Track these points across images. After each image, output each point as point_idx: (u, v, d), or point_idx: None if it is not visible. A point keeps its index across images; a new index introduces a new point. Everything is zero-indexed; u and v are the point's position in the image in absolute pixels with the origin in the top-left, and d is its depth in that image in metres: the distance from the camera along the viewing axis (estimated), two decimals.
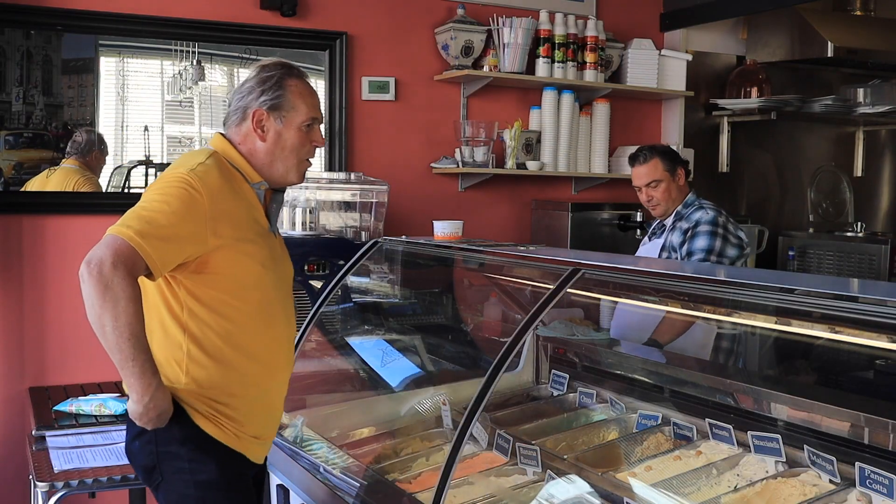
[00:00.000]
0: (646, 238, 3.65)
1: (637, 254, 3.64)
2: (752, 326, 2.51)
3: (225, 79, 3.93)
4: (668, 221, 3.45)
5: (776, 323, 2.15)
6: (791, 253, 4.88)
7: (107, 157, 3.73)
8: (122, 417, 3.05)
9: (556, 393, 3.02)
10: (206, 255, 1.98)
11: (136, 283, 1.87)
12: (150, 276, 1.91)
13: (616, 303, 2.96)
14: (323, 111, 4.01)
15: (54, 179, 3.63)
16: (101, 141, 3.71)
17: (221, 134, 2.21)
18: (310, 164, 2.25)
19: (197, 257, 1.97)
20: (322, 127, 2.27)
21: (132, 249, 1.85)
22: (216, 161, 2.07)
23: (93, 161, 3.70)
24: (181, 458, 2.02)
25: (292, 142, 2.16)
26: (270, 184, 2.17)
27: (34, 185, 3.60)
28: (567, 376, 3.02)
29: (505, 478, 2.36)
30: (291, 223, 3.64)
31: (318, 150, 2.27)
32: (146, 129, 3.78)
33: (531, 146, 4.36)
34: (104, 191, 3.74)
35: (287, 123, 2.14)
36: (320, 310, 2.99)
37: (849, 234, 5.08)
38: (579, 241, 4.30)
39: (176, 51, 3.81)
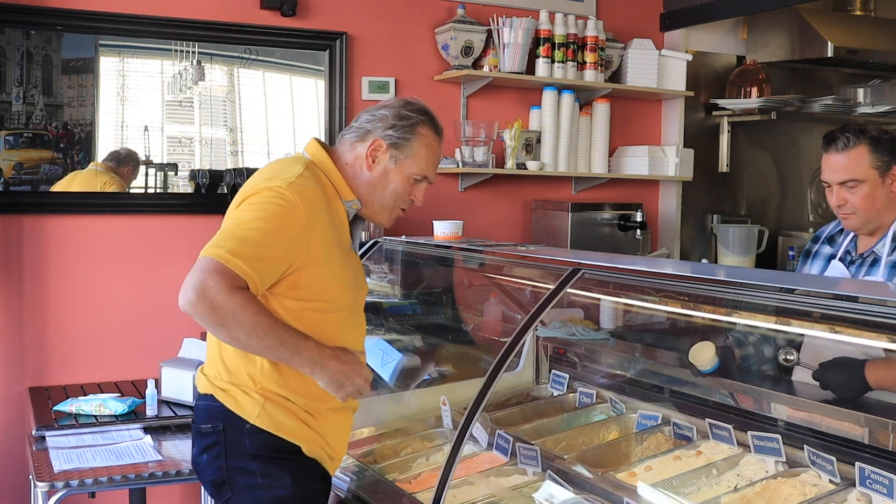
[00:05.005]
0: (836, 263, 2.66)
1: None
2: (752, 326, 2.51)
3: (225, 79, 3.93)
4: (883, 249, 2.51)
5: (776, 323, 2.16)
6: (791, 253, 4.88)
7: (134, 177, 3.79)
8: (122, 417, 3.06)
9: (556, 393, 3.02)
10: (296, 272, 1.93)
11: (239, 290, 1.81)
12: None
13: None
14: (323, 111, 4.06)
15: (80, 179, 3.64)
16: (137, 160, 3.75)
17: (321, 143, 2.13)
18: (401, 214, 2.20)
19: (288, 274, 1.93)
20: (425, 184, 2.18)
21: (226, 268, 1.79)
22: (313, 173, 2.02)
23: (125, 174, 3.74)
24: (252, 473, 1.97)
25: (395, 186, 2.11)
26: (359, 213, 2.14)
27: (59, 187, 3.63)
28: (567, 376, 3.02)
29: (505, 478, 2.36)
30: None
31: None
32: (146, 129, 3.78)
33: (531, 146, 4.36)
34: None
35: (399, 166, 2.10)
36: None
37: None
38: (579, 241, 4.29)
39: (176, 51, 3.81)
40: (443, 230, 3.13)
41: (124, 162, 3.73)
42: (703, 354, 2.59)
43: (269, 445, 1.98)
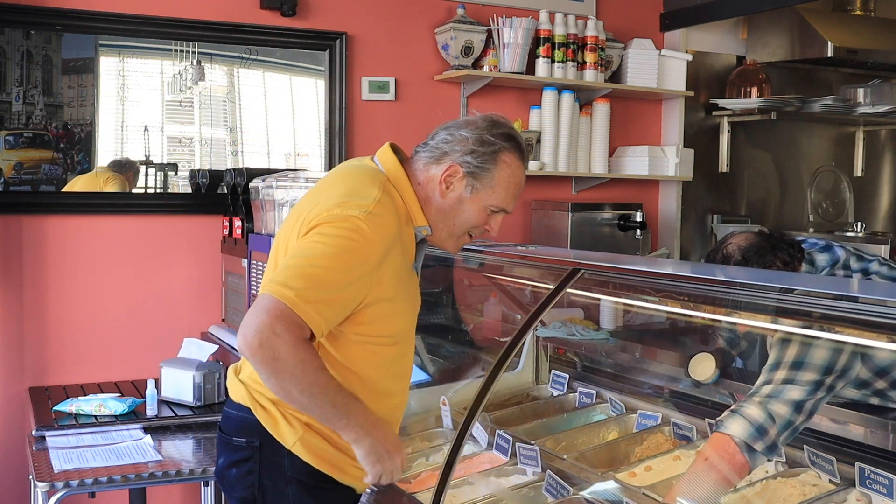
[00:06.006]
0: None
1: None
2: (752, 326, 2.50)
3: (225, 79, 3.93)
4: None
5: (776, 323, 2.15)
6: None
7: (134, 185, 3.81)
8: (122, 417, 3.06)
9: (556, 393, 3.02)
10: (363, 309, 1.80)
11: (303, 342, 1.67)
12: (310, 338, 1.71)
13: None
14: (323, 111, 4.06)
15: (83, 181, 3.66)
16: (136, 167, 3.77)
17: (398, 154, 1.96)
18: (469, 240, 2.03)
19: (355, 312, 1.80)
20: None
21: (293, 314, 1.65)
22: (389, 197, 1.84)
23: (126, 179, 3.76)
24: (286, 498, 1.87)
25: (469, 216, 1.94)
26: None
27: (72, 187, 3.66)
28: (567, 376, 3.03)
29: (505, 478, 2.37)
30: None
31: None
32: (146, 129, 3.78)
33: (531, 146, 4.36)
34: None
35: (475, 197, 1.91)
36: None
37: (849, 234, 5.08)
38: (579, 241, 4.30)
39: (176, 51, 3.81)
40: None
41: (125, 169, 3.75)
42: (703, 367, 2.58)
43: (308, 470, 1.88)
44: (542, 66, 4.34)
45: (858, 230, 5.08)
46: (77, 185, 3.65)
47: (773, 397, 2.04)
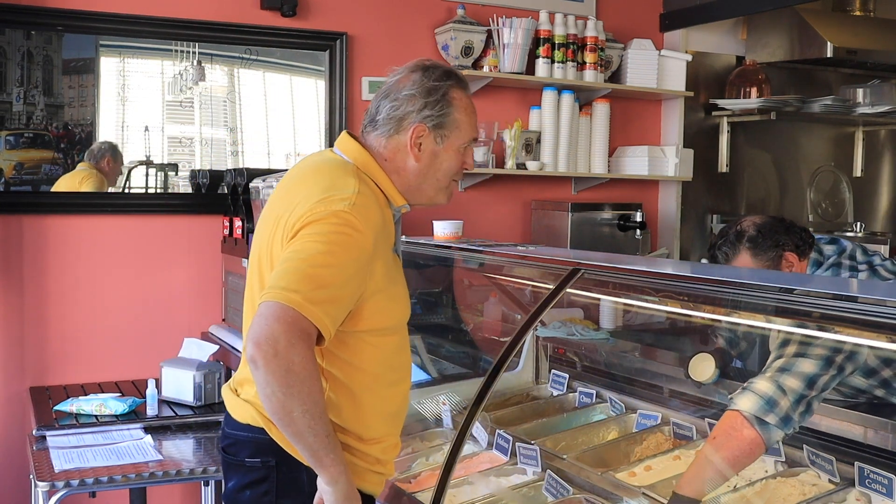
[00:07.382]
0: None
1: None
2: (752, 326, 2.51)
3: (225, 79, 3.93)
4: None
5: (776, 323, 2.16)
6: None
7: (121, 166, 3.75)
8: (123, 417, 3.06)
9: (555, 393, 3.03)
10: (360, 303, 1.75)
11: (314, 355, 1.61)
12: (318, 341, 1.64)
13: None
14: (323, 111, 4.06)
15: (65, 181, 3.65)
16: (114, 149, 3.72)
17: (358, 140, 1.92)
18: (457, 185, 2.01)
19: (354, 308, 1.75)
20: (478, 146, 1.94)
21: (306, 320, 1.59)
22: (366, 185, 1.81)
23: (105, 166, 3.71)
24: None
25: (448, 164, 1.92)
26: (412, 204, 1.95)
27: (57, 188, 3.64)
28: (567, 376, 3.03)
29: (505, 478, 2.37)
30: None
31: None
32: (147, 129, 3.79)
33: (531, 146, 4.37)
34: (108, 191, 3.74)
35: (447, 145, 1.90)
36: None
37: (848, 234, 5.08)
38: (579, 241, 4.30)
39: (176, 51, 3.81)
40: (443, 230, 3.13)
41: (102, 155, 3.70)
42: (702, 368, 2.59)
43: None
44: (541, 66, 4.34)
45: (858, 230, 5.08)
46: (61, 185, 3.63)
47: (785, 370, 2.04)
